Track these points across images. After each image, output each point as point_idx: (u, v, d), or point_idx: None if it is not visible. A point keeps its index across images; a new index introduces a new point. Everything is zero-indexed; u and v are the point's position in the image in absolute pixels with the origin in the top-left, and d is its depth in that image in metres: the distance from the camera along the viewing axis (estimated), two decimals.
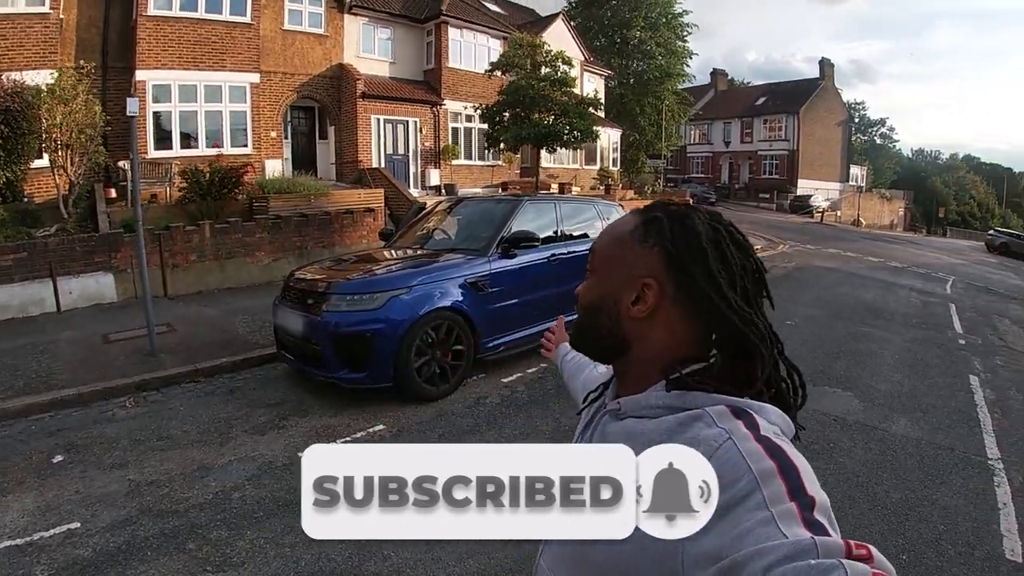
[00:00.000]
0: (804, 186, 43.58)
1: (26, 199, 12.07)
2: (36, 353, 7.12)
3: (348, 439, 4.91)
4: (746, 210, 36.66)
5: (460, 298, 5.86)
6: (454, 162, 21.02)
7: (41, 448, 4.84)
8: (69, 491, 4.14)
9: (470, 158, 21.62)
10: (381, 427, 5.14)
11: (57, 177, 11.34)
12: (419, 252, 6.87)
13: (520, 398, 5.81)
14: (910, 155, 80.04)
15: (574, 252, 7.24)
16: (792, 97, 46.63)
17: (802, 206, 38.74)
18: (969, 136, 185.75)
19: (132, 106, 7.26)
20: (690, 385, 0.88)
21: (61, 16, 13.89)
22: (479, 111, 18.61)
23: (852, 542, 0.63)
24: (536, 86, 16.18)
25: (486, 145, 19.93)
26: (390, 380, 5.50)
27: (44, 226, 10.91)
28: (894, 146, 75.02)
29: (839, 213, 41.04)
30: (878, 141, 72.04)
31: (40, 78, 11.71)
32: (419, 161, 20.35)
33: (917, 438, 5.42)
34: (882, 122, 73.05)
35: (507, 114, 16.97)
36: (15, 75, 11.39)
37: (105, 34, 14.99)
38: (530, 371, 6.58)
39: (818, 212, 37.40)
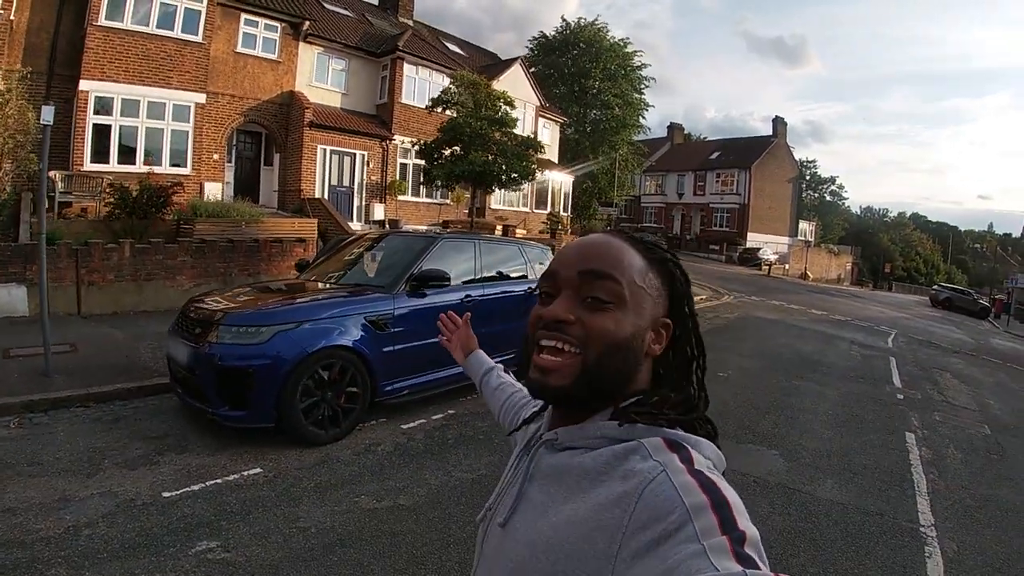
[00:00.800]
0: (753, 239, 44.53)
1: None
2: None
3: (219, 480, 4.52)
4: (696, 260, 37.07)
5: (357, 337, 5.48)
6: (400, 197, 20.79)
7: None
8: None
9: (418, 195, 21.41)
10: (258, 471, 4.70)
11: None
12: (327, 285, 6.52)
13: (415, 447, 5.39)
14: (859, 212, 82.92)
15: (493, 294, 7.00)
16: (745, 153, 47.96)
17: (750, 258, 39.38)
18: (917, 195, 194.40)
19: (47, 114, 6.90)
20: (631, 417, 0.87)
21: (12, 18, 13.64)
22: (416, 147, 18.19)
23: None
24: (473, 124, 15.82)
25: (422, 181, 19.22)
26: (273, 421, 5.12)
27: None
28: (843, 203, 77.61)
29: (787, 266, 41.87)
30: (828, 198, 74.38)
31: None
32: (364, 194, 20.08)
33: (843, 503, 5.09)
34: (832, 180, 75.66)
35: (446, 151, 16.55)
36: None
37: (55, 40, 14.74)
38: (435, 418, 6.19)
39: (766, 265, 37.99)
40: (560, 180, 29.68)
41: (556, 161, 30.53)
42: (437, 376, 6.33)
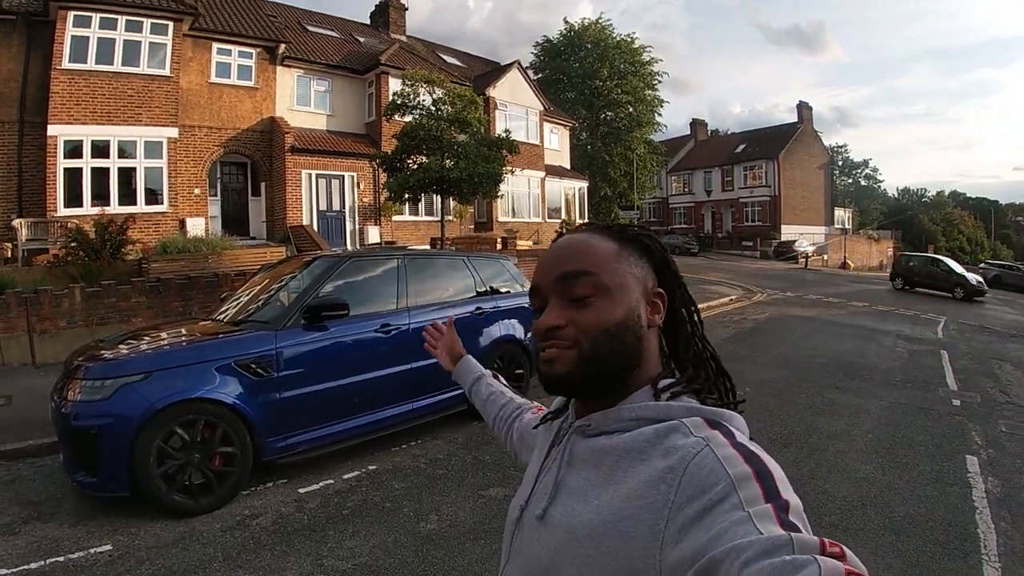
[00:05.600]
0: (788, 231, 42.64)
1: None
2: None
3: (61, 558, 3.81)
4: (728, 258, 35.50)
5: (224, 386, 4.45)
6: (396, 218, 19.79)
7: None
8: None
9: (416, 213, 20.28)
10: (107, 548, 3.92)
11: None
12: (212, 324, 5.51)
13: (298, 520, 4.24)
14: (896, 195, 79.56)
15: (424, 321, 5.89)
16: (771, 142, 46.16)
17: (786, 252, 37.53)
18: (952, 172, 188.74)
19: None
20: (669, 396, 0.91)
21: None
22: (377, 160, 16.52)
23: (826, 540, 0.63)
24: (427, 125, 14.19)
25: (399, 198, 15.68)
26: (127, 488, 4.21)
27: None
28: (879, 187, 74.89)
29: (825, 257, 39.85)
30: (863, 183, 72.01)
31: None
32: (357, 217, 19.18)
33: None
34: (865, 163, 73.34)
35: (410, 161, 14.82)
36: None
37: (24, 88, 14.54)
38: (346, 477, 5.03)
39: (803, 257, 36.09)
40: (574, 186, 28.54)
41: (568, 167, 29.43)
42: (350, 425, 5.26)
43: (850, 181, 69.74)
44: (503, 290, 7.16)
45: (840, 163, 66.00)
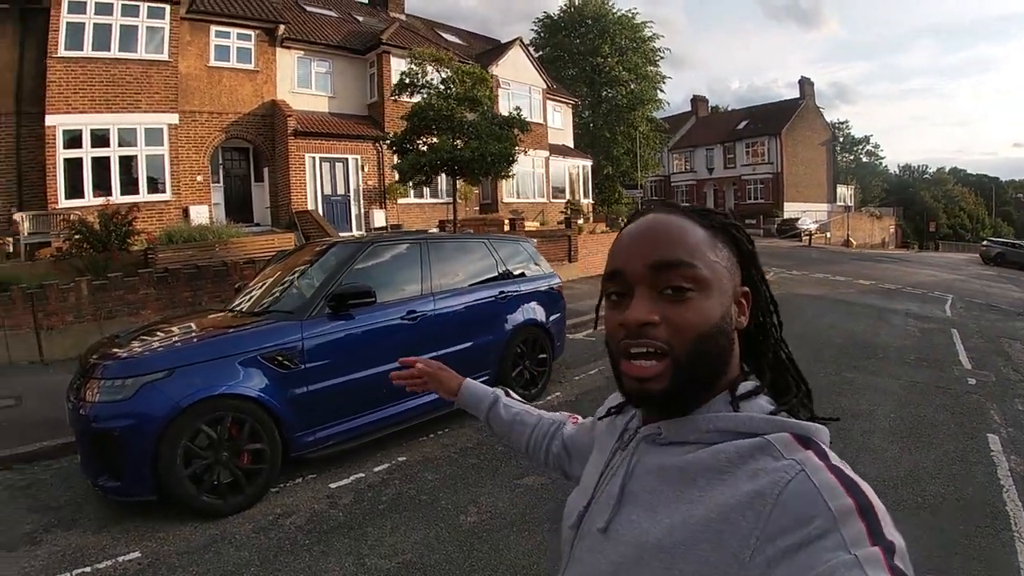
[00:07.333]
0: (791, 209, 42.43)
1: None
2: None
3: (87, 569, 3.60)
4: None
5: (249, 380, 4.27)
6: (401, 201, 19.54)
7: None
8: None
9: (421, 196, 20.00)
10: (136, 555, 3.72)
11: None
12: (230, 315, 5.31)
13: (333, 518, 4.10)
14: (897, 172, 79.09)
15: (450, 307, 5.77)
16: (773, 119, 45.73)
17: (789, 229, 37.34)
18: (951, 149, 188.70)
19: None
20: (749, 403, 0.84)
21: None
22: (386, 142, 16.16)
23: None
24: (436, 105, 13.75)
25: (410, 179, 15.27)
26: (154, 492, 4.02)
27: None
28: (880, 163, 74.31)
29: (828, 235, 39.61)
30: (864, 159, 71.42)
31: None
32: (362, 201, 18.91)
33: (915, 563, 3.44)
34: (866, 140, 72.64)
35: (420, 142, 14.51)
36: None
37: (19, 78, 14.19)
38: (376, 470, 4.87)
39: (806, 235, 35.88)
40: (578, 165, 28.26)
41: (572, 145, 29.15)
42: (379, 416, 5.11)
43: (851, 158, 69.33)
44: (521, 272, 7.02)
45: (841, 139, 65.54)
